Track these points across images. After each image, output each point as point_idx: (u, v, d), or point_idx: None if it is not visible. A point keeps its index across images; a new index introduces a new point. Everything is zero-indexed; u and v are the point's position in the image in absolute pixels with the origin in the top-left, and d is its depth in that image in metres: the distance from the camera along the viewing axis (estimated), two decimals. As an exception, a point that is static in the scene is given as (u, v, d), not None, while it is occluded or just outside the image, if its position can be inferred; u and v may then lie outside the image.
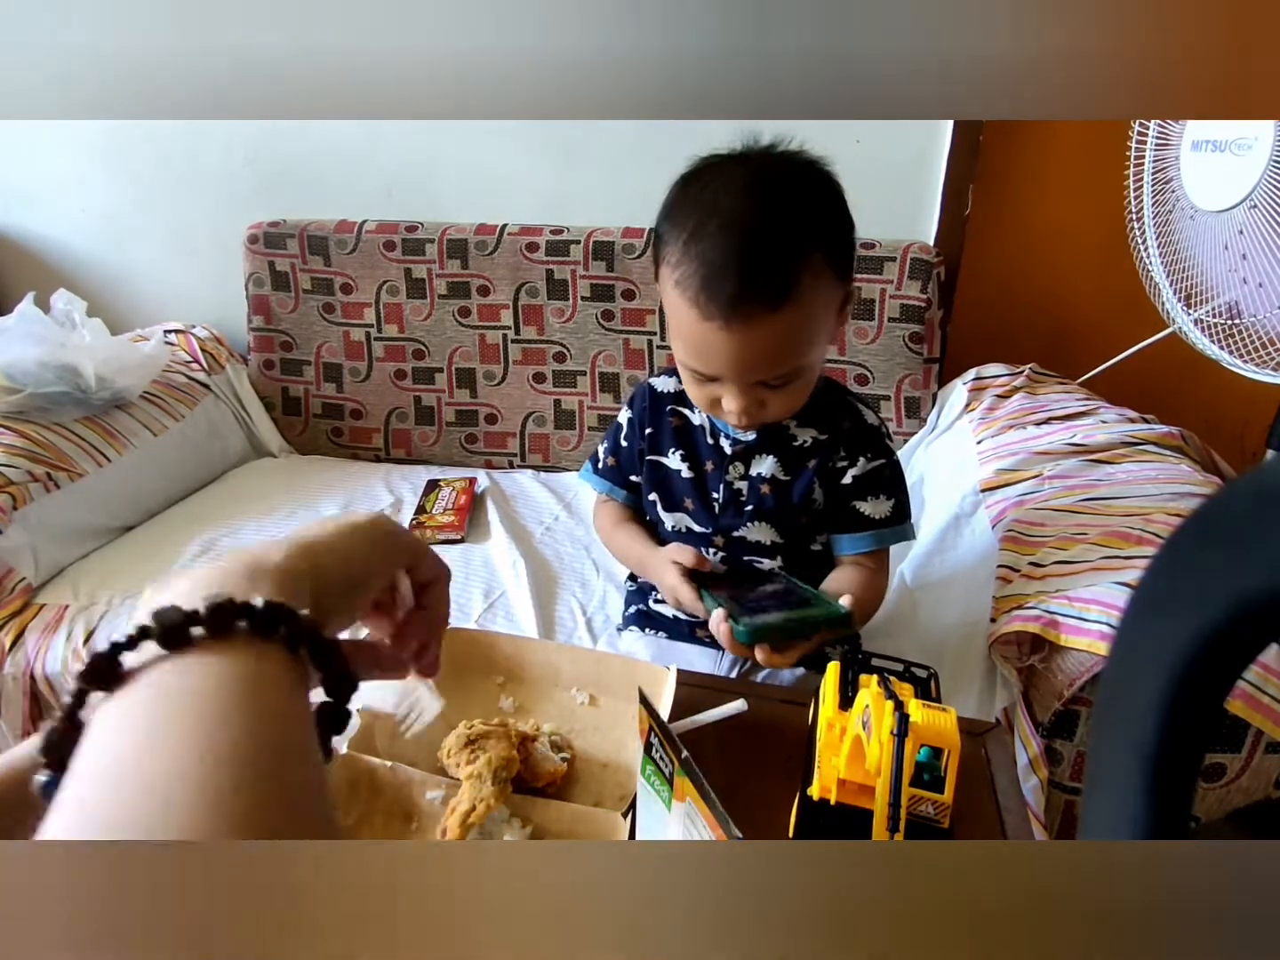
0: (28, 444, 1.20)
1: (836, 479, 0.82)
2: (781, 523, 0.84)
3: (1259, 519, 0.16)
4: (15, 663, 1.07)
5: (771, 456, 0.82)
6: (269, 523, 1.32)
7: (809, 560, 0.87)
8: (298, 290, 1.57)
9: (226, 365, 1.63)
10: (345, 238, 1.53)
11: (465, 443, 1.60)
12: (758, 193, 0.67)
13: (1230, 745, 0.79)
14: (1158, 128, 1.16)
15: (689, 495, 0.86)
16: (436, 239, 1.51)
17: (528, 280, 1.49)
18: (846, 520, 0.83)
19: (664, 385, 0.88)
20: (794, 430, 0.82)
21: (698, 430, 0.86)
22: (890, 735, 0.46)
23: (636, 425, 0.90)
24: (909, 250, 1.38)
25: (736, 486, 0.84)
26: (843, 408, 0.83)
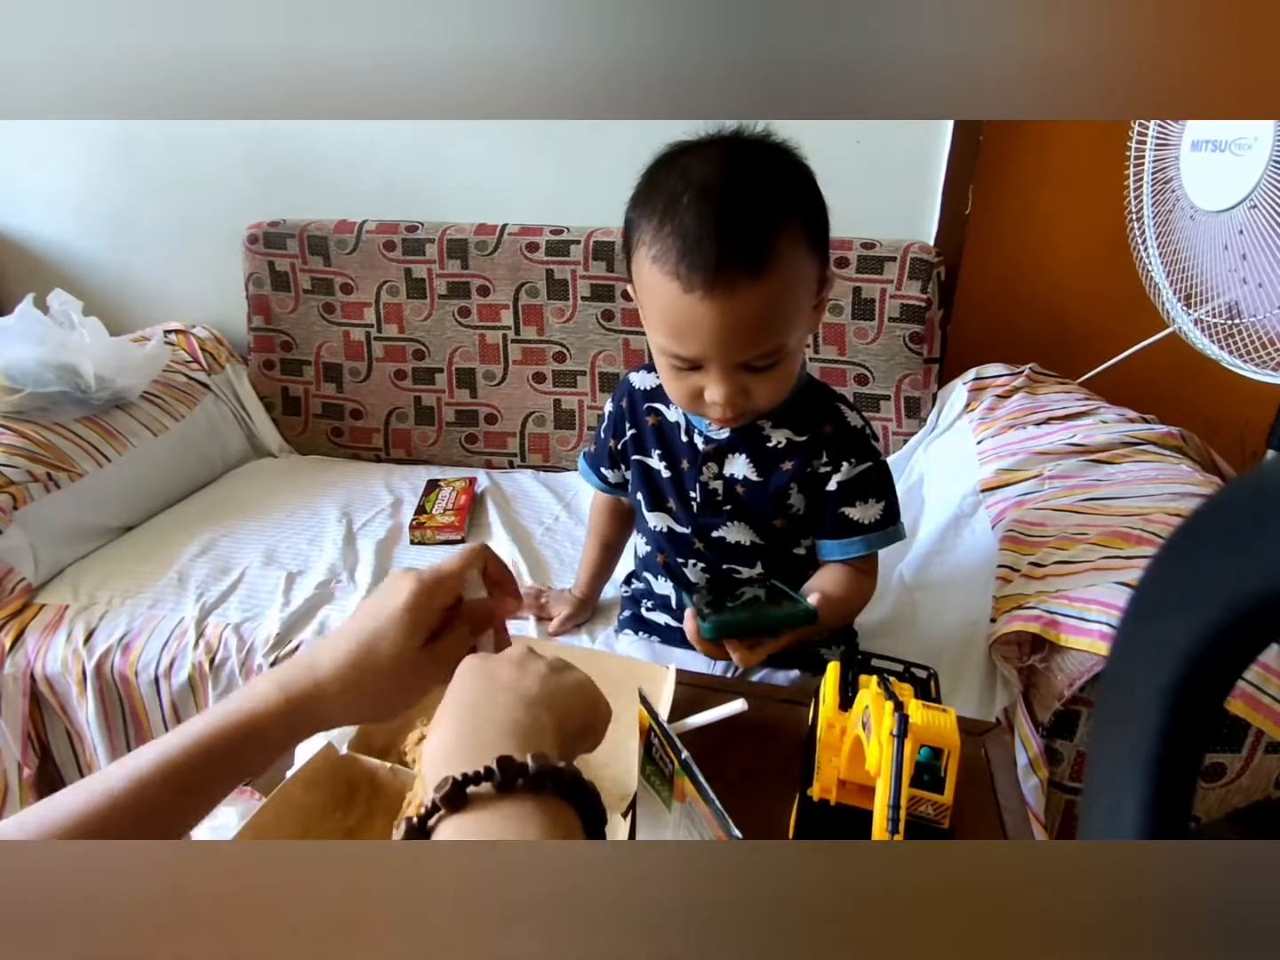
0: (28, 444, 1.20)
1: (820, 485, 0.81)
2: (759, 524, 0.83)
3: (1259, 519, 0.16)
4: (15, 663, 1.07)
5: (744, 456, 0.81)
6: (269, 523, 1.32)
7: (793, 563, 0.85)
8: (298, 290, 1.57)
9: (226, 365, 1.63)
10: (345, 238, 1.53)
11: (465, 443, 1.60)
12: (731, 165, 0.66)
13: (1230, 745, 0.79)
14: (1158, 128, 1.16)
15: (670, 495, 0.86)
16: (436, 239, 1.51)
17: (528, 280, 1.49)
18: (834, 526, 0.82)
19: (642, 382, 0.87)
20: (768, 431, 0.80)
21: (673, 428, 0.85)
22: (890, 736, 0.46)
23: (614, 420, 0.89)
24: (909, 250, 1.38)
25: (712, 486, 0.83)
26: (824, 410, 0.81)
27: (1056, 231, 1.54)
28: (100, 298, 1.69)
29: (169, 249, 1.72)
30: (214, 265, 1.69)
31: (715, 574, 0.86)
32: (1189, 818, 0.19)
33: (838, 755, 0.53)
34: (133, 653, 1.07)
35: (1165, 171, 1.15)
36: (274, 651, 1.05)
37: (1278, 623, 0.16)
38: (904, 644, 1.00)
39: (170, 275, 1.74)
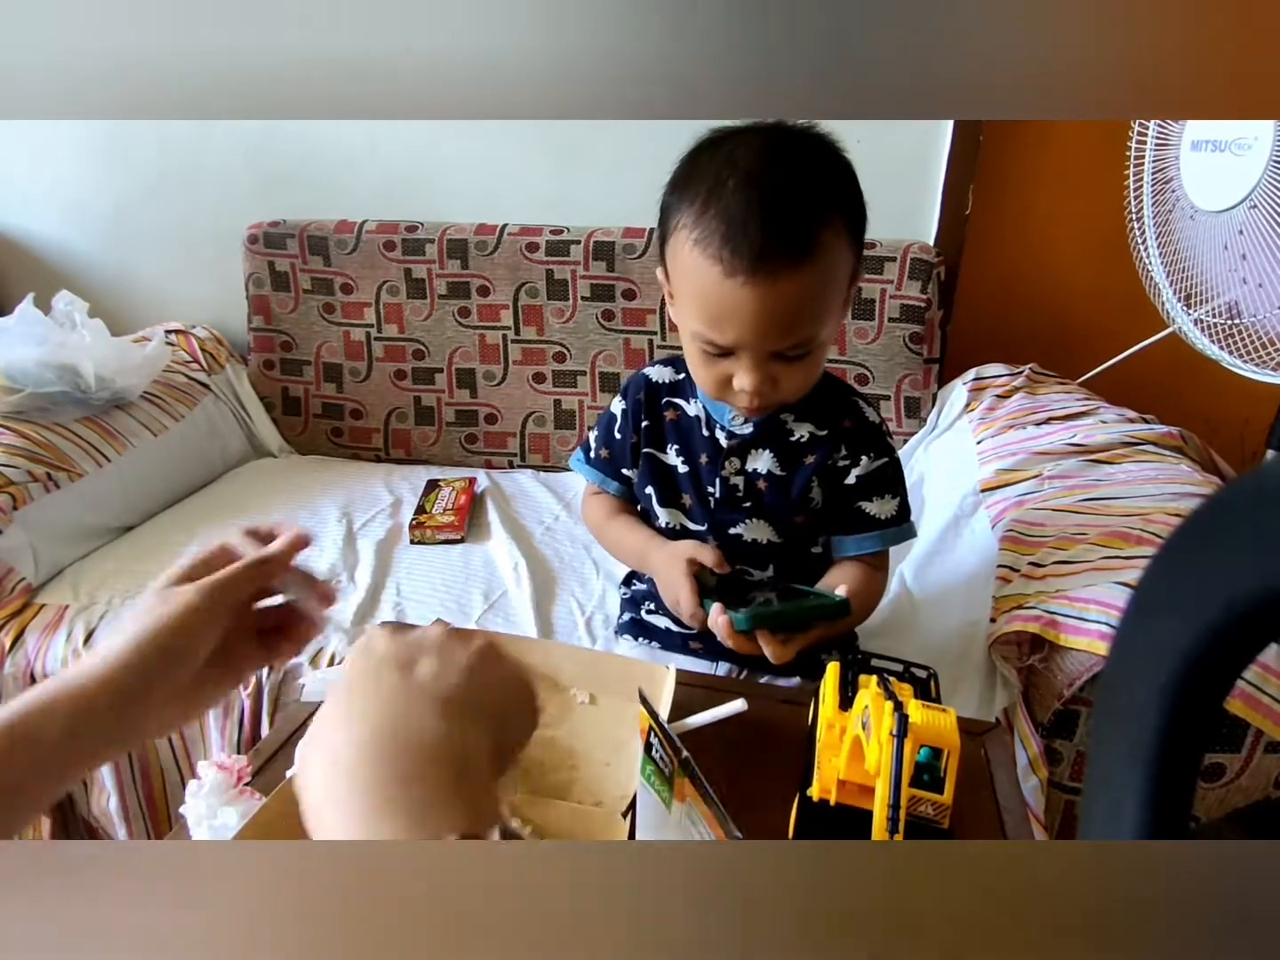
0: (28, 444, 1.20)
1: (839, 479, 0.81)
2: (780, 521, 0.82)
3: (1259, 519, 0.16)
4: (15, 663, 1.07)
5: (768, 451, 0.81)
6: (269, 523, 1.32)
7: (809, 563, 0.85)
8: (298, 290, 1.57)
9: (226, 365, 1.63)
10: (345, 238, 1.53)
11: (465, 443, 1.60)
12: (777, 154, 0.66)
13: (1230, 745, 0.79)
14: (1158, 128, 1.16)
15: (686, 491, 0.84)
16: (436, 239, 1.51)
17: (528, 280, 1.49)
18: (851, 521, 0.82)
19: (660, 375, 0.86)
20: (791, 425, 0.81)
21: (693, 422, 0.84)
22: (890, 736, 0.46)
23: (630, 417, 0.87)
24: (909, 250, 1.38)
25: (733, 482, 0.82)
26: (844, 405, 0.82)
27: (1056, 231, 1.54)
28: (100, 298, 1.69)
29: (169, 249, 1.72)
30: (214, 265, 1.69)
31: (728, 573, 0.85)
32: (1189, 818, 0.19)
33: (837, 755, 0.53)
34: (133, 653, 1.06)
35: (1165, 171, 1.15)
36: (274, 651, 1.05)
37: (1277, 623, 0.16)
38: (904, 644, 1.00)
39: (170, 275, 1.74)
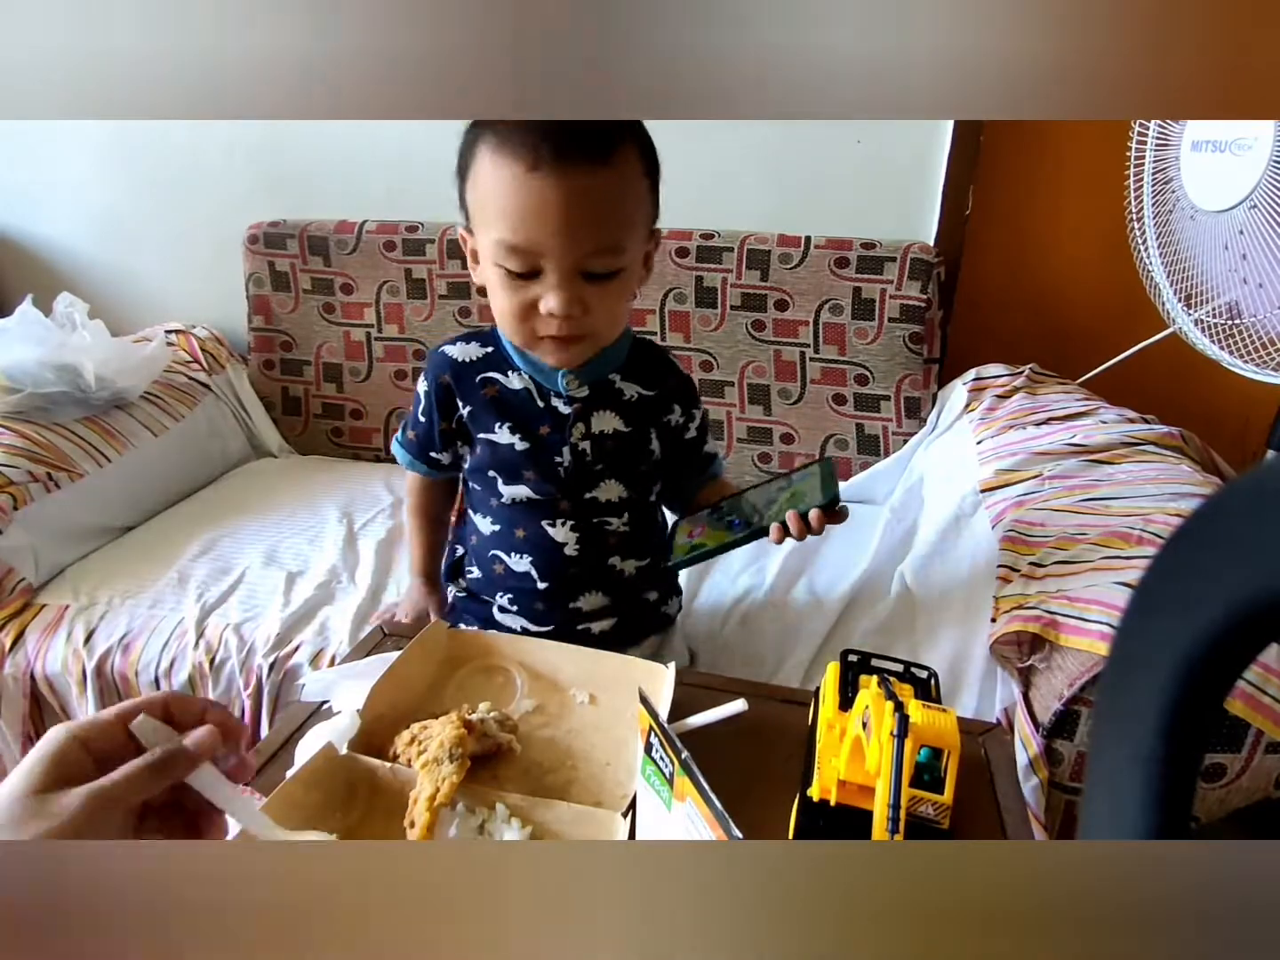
0: (28, 444, 1.20)
1: (680, 435, 0.89)
2: (630, 477, 0.86)
3: (1259, 519, 0.16)
4: (15, 663, 1.07)
5: (610, 411, 0.83)
6: (269, 523, 1.32)
7: (649, 510, 0.91)
8: (298, 290, 1.57)
9: (226, 365, 1.63)
10: (345, 238, 1.53)
11: (465, 443, 1.60)
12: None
13: (1230, 745, 0.79)
14: (1158, 128, 1.16)
15: (527, 467, 0.82)
16: (436, 239, 1.50)
17: (528, 280, 1.49)
18: (703, 462, 0.93)
19: (464, 353, 0.83)
20: (620, 385, 0.84)
21: (519, 395, 0.82)
22: (890, 736, 0.46)
23: (435, 400, 0.84)
24: (909, 250, 1.38)
25: (581, 448, 0.82)
26: (661, 363, 0.88)
27: (1056, 232, 1.54)
28: (100, 298, 1.69)
29: (169, 249, 1.72)
30: (214, 265, 1.69)
31: (585, 530, 0.85)
32: (1189, 818, 0.19)
33: (837, 755, 0.53)
34: (133, 653, 1.07)
35: (1165, 171, 1.15)
36: (274, 652, 1.05)
37: (1277, 623, 0.16)
38: (904, 644, 1.00)
39: (170, 275, 1.74)
